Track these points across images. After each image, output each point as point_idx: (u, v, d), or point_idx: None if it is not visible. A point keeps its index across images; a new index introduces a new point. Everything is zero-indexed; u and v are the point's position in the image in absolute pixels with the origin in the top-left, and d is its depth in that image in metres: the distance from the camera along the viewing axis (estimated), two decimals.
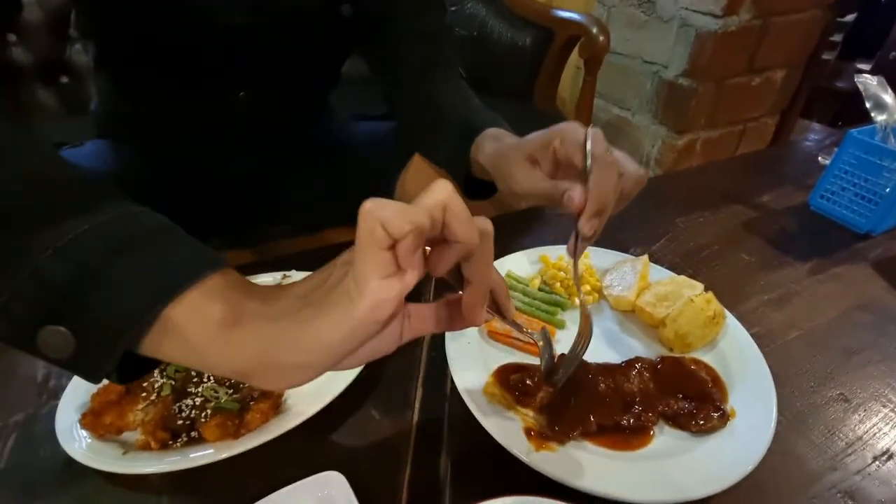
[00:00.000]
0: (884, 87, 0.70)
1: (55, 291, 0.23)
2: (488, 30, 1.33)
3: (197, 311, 0.24)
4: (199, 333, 0.24)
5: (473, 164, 0.56)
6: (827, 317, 0.53)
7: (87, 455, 0.35)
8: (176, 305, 0.24)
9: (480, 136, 0.55)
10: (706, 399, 0.39)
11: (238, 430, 0.36)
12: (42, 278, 0.23)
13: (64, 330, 0.23)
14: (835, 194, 0.70)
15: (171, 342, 0.24)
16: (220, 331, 0.24)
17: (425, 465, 0.37)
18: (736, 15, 1.14)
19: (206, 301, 0.25)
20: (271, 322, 0.25)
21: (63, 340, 0.23)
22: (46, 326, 0.23)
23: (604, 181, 0.39)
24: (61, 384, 0.42)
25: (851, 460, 0.39)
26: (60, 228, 0.24)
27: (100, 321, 0.23)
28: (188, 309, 0.24)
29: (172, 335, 0.24)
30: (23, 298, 0.23)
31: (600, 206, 0.40)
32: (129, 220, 0.26)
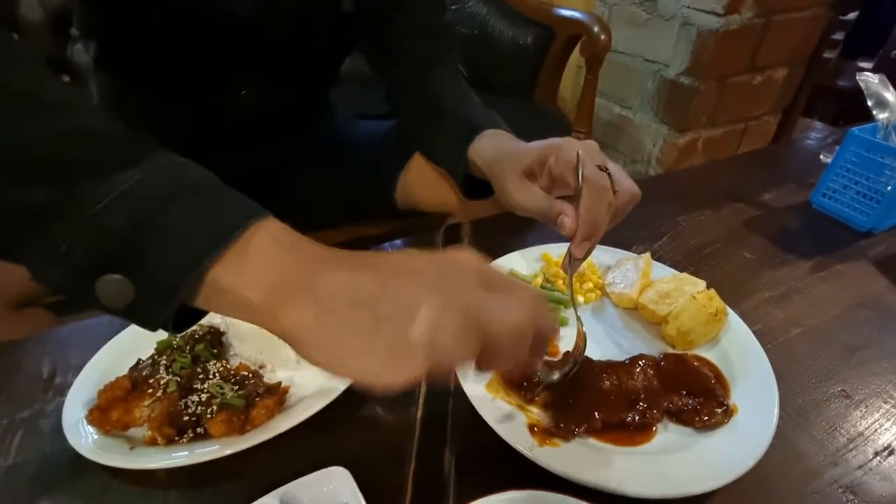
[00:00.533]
0: (885, 84, 0.70)
1: (114, 239, 0.24)
2: (489, 28, 1.33)
3: (243, 272, 0.25)
4: (245, 296, 0.24)
5: (472, 164, 0.56)
6: (829, 314, 0.53)
7: (94, 451, 0.35)
8: (223, 264, 0.24)
9: (479, 137, 0.55)
10: (709, 395, 0.39)
11: (243, 425, 0.36)
12: (101, 227, 0.23)
13: (122, 279, 0.24)
14: (836, 192, 0.70)
15: (223, 300, 0.25)
16: (262, 297, 0.24)
17: (429, 460, 0.37)
18: (738, 13, 1.14)
19: (252, 261, 0.25)
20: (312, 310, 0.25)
21: (122, 289, 0.24)
22: (105, 275, 0.24)
23: (594, 206, 0.40)
24: (67, 381, 0.43)
25: (853, 456, 0.39)
26: (114, 178, 0.24)
27: (160, 268, 0.24)
28: (234, 269, 0.25)
29: (222, 294, 0.25)
30: (82, 247, 0.23)
31: (591, 230, 0.41)
32: (178, 170, 0.26)
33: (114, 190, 0.24)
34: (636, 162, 1.47)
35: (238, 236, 0.25)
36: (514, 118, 0.63)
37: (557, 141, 0.45)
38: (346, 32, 0.66)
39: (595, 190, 0.40)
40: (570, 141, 0.44)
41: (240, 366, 0.42)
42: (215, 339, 0.44)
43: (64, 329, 0.49)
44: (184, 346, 0.42)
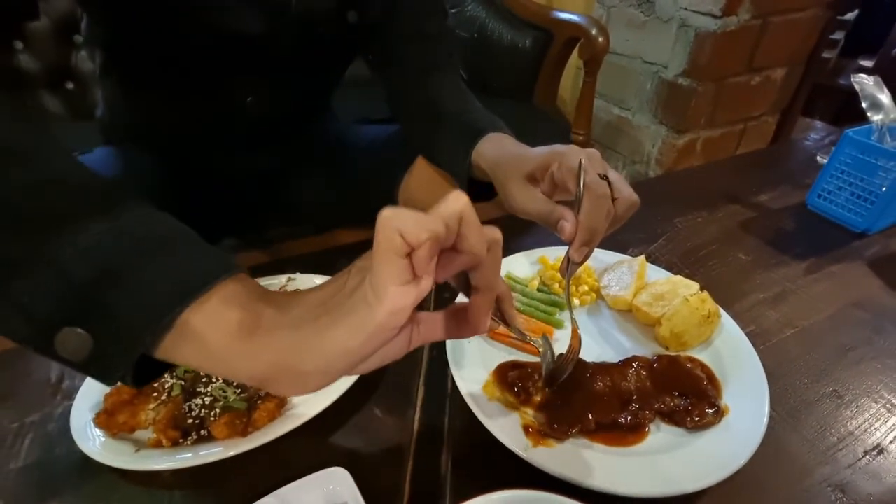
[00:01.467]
0: (880, 86, 0.71)
1: (77, 292, 0.24)
2: (489, 32, 1.34)
3: (216, 316, 0.25)
4: (218, 340, 0.25)
5: (475, 167, 0.57)
6: (822, 315, 0.54)
7: (102, 453, 0.36)
8: (195, 311, 0.24)
9: (482, 140, 0.56)
10: (701, 396, 0.40)
11: (246, 428, 0.37)
12: (64, 278, 0.23)
13: (82, 332, 0.24)
14: (832, 193, 0.70)
15: (190, 347, 0.25)
16: (238, 337, 0.25)
17: (427, 460, 0.38)
18: (735, 15, 1.14)
19: (225, 307, 0.25)
20: (289, 330, 0.25)
21: (80, 342, 0.24)
22: (65, 328, 0.23)
23: (593, 213, 0.41)
24: (74, 385, 0.44)
25: (843, 455, 0.40)
26: (82, 230, 0.24)
27: (118, 323, 0.24)
28: (207, 315, 0.25)
29: (191, 341, 0.25)
30: (45, 298, 0.23)
31: (589, 236, 0.41)
32: (148, 223, 0.27)
33: (81, 242, 0.24)
34: (635, 163, 1.47)
35: (209, 287, 0.25)
36: (513, 120, 0.64)
37: (561, 148, 0.46)
38: (349, 40, 0.67)
39: (595, 197, 0.41)
40: (573, 148, 0.45)
41: None
42: None
43: None
44: None
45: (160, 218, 0.27)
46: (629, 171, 1.51)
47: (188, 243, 0.27)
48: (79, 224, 0.25)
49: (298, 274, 0.53)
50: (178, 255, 0.26)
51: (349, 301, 0.25)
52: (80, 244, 0.24)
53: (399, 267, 0.24)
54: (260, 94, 0.63)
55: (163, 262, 0.25)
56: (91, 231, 0.24)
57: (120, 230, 0.25)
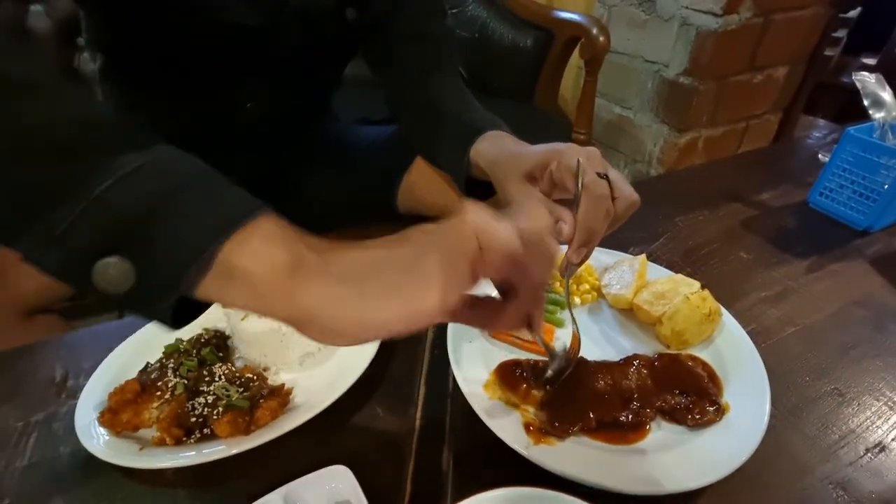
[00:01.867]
0: (882, 84, 0.71)
1: (117, 221, 0.23)
2: (489, 32, 1.34)
3: (259, 251, 0.24)
4: (262, 274, 0.24)
5: (473, 165, 0.57)
6: (824, 313, 0.54)
7: (106, 451, 0.36)
8: (238, 245, 0.24)
9: (480, 139, 0.56)
10: (702, 394, 0.40)
11: (248, 426, 0.38)
12: (104, 207, 0.23)
13: (124, 262, 0.23)
14: (833, 192, 0.70)
15: (232, 282, 0.24)
16: (282, 275, 0.24)
17: (428, 458, 0.38)
18: (736, 13, 1.14)
19: (268, 243, 0.25)
20: (334, 282, 0.25)
21: (122, 273, 0.23)
22: (105, 258, 0.23)
23: (591, 213, 0.41)
24: (79, 384, 0.44)
25: (844, 452, 0.40)
26: (120, 160, 0.24)
27: (163, 254, 0.23)
28: (250, 250, 0.24)
29: (234, 276, 0.24)
30: (82, 228, 0.23)
31: (587, 237, 0.41)
32: (182, 161, 0.26)
33: (119, 171, 0.23)
34: (637, 162, 1.47)
35: (250, 220, 0.25)
36: (514, 120, 0.65)
37: (560, 146, 0.46)
38: (348, 39, 0.67)
39: (593, 197, 0.41)
40: (573, 147, 0.45)
41: (245, 368, 0.43)
42: (221, 342, 0.45)
43: (75, 334, 0.50)
44: (190, 350, 0.43)
45: (191, 158, 0.27)
46: (631, 171, 1.51)
47: (221, 182, 0.27)
48: (117, 155, 0.24)
49: None
50: (215, 192, 0.26)
51: (405, 277, 0.25)
52: (121, 172, 0.23)
53: (466, 262, 0.24)
54: (260, 95, 0.64)
55: (202, 198, 0.25)
56: (130, 161, 0.24)
57: (158, 164, 0.25)
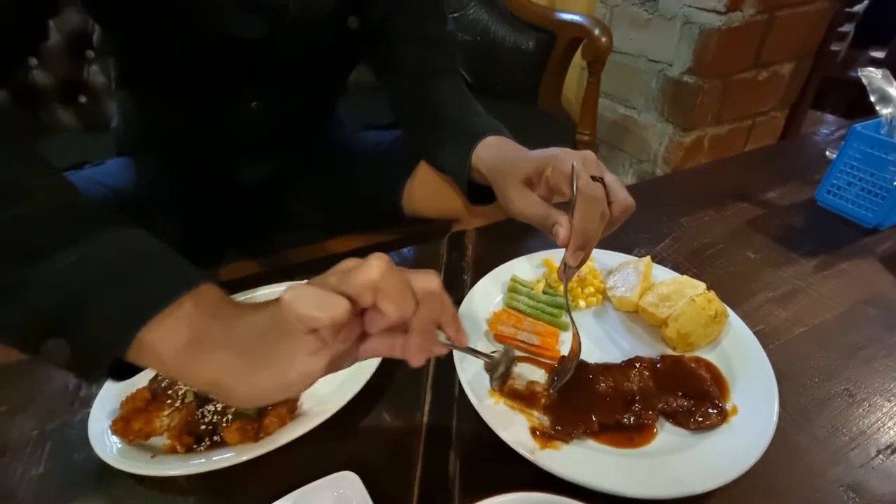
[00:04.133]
0: (889, 80, 0.70)
1: (47, 316, 0.28)
2: (491, 34, 1.34)
3: (167, 334, 0.28)
4: (167, 354, 0.28)
5: (475, 170, 0.58)
6: (833, 313, 0.53)
7: (119, 459, 0.37)
8: (150, 329, 0.28)
9: (481, 144, 0.57)
10: (704, 397, 0.39)
11: (257, 433, 0.38)
12: (35, 306, 0.28)
13: (62, 342, 0.28)
14: (841, 189, 0.70)
15: (147, 359, 0.29)
16: (183, 353, 0.28)
17: (435, 464, 0.39)
18: (740, 10, 1.14)
19: (177, 325, 0.28)
20: (227, 354, 0.28)
21: (60, 351, 0.28)
22: (48, 340, 0.28)
23: (587, 217, 0.42)
24: (91, 393, 0.45)
25: (854, 454, 0.39)
26: (52, 261, 0.28)
27: (86, 340, 0.28)
28: (158, 332, 0.28)
29: (147, 353, 0.28)
30: (23, 320, 0.28)
31: (583, 241, 0.42)
32: (114, 248, 0.30)
33: (48, 274, 0.28)
34: (642, 161, 1.46)
35: (165, 306, 0.28)
36: (518, 122, 0.65)
37: (555, 151, 0.46)
38: (351, 45, 0.68)
39: (588, 201, 0.41)
40: (568, 152, 0.45)
41: None
42: None
43: None
44: None
45: (128, 241, 0.31)
46: (636, 170, 1.50)
47: (153, 263, 0.30)
48: (51, 255, 0.29)
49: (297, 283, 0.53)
50: (137, 279, 0.29)
51: (276, 350, 0.27)
52: (48, 275, 0.28)
53: (304, 341, 0.27)
54: (265, 100, 0.65)
55: (120, 288, 0.29)
56: (59, 262, 0.28)
57: (86, 258, 0.29)
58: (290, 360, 0.27)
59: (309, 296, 0.26)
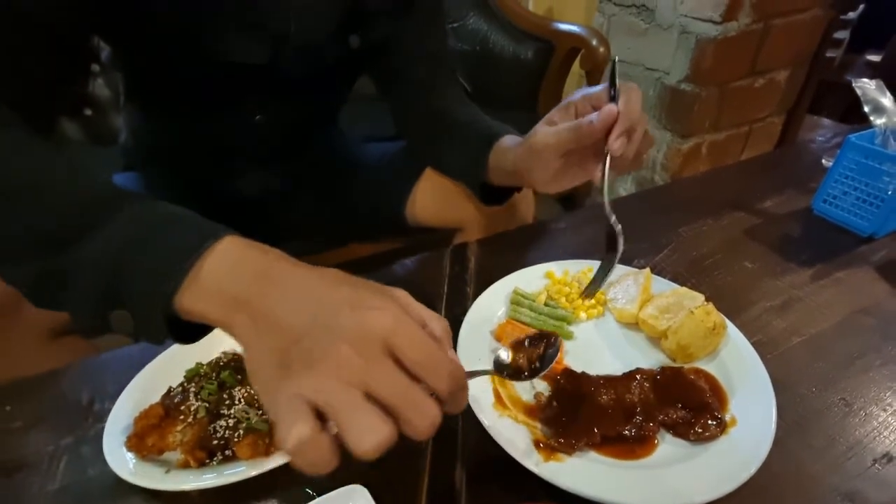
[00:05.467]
0: (882, 90, 0.71)
1: (100, 292, 0.31)
2: (490, 44, 1.36)
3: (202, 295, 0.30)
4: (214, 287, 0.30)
5: (491, 169, 0.59)
6: (829, 322, 0.54)
7: (134, 475, 0.38)
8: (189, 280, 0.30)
9: (498, 144, 0.59)
10: (704, 408, 0.40)
11: (269, 448, 0.39)
12: (85, 286, 0.32)
13: (124, 312, 0.31)
14: (837, 198, 0.71)
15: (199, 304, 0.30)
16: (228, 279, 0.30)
17: (442, 476, 0.40)
18: (735, 20, 1.15)
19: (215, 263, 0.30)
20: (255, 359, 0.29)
21: (125, 319, 0.32)
22: (114, 311, 0.32)
23: (631, 101, 0.43)
24: (104, 408, 0.46)
25: (851, 464, 0.40)
26: (92, 242, 0.32)
27: (141, 300, 0.31)
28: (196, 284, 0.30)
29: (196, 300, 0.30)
30: (87, 298, 0.32)
31: (631, 122, 0.43)
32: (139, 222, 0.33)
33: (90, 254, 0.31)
34: (641, 168, 1.48)
35: (191, 265, 0.30)
36: (518, 130, 0.66)
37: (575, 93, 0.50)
38: (352, 63, 0.70)
39: (631, 90, 0.44)
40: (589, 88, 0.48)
41: None
42: (238, 364, 0.47)
43: (99, 359, 0.52)
44: (210, 374, 0.45)
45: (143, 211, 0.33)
46: (635, 177, 1.51)
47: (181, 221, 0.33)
48: (90, 233, 0.32)
49: None
50: (171, 234, 0.32)
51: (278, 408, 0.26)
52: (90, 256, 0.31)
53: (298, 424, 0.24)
54: (269, 113, 0.66)
55: (159, 246, 0.31)
56: (97, 238, 0.32)
57: (119, 231, 0.32)
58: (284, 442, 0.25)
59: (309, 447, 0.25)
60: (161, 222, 0.33)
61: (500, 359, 0.41)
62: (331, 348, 0.25)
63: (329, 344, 0.25)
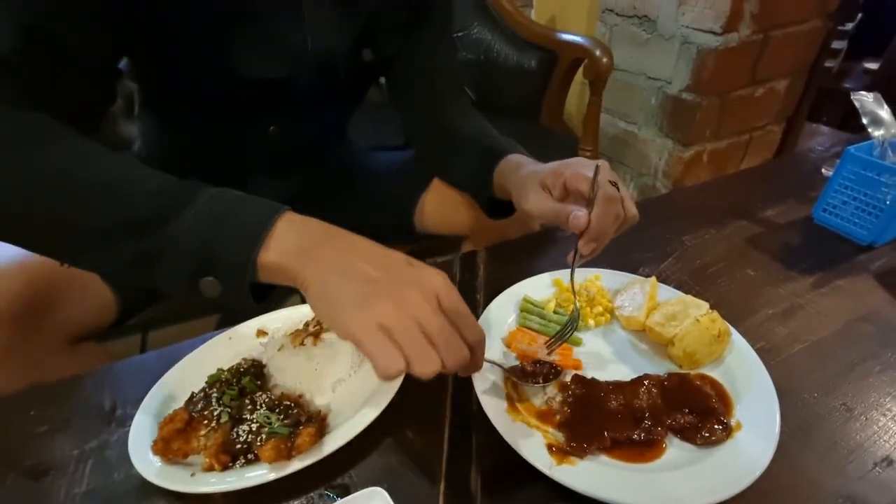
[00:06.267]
0: (880, 102, 0.73)
1: (192, 261, 0.37)
2: (495, 53, 1.38)
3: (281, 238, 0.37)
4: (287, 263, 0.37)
5: (495, 185, 0.61)
6: (830, 329, 0.56)
7: (160, 477, 0.39)
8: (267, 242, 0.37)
9: (503, 161, 0.61)
10: (710, 413, 0.42)
11: (290, 451, 0.40)
12: (183, 255, 0.37)
13: (213, 279, 0.37)
14: (837, 207, 0.72)
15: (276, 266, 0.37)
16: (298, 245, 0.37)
17: (458, 479, 0.41)
18: (736, 31, 1.17)
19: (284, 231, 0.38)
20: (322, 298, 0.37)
21: (213, 286, 0.37)
22: (200, 279, 0.37)
23: (605, 213, 0.47)
24: (126, 413, 0.47)
25: (852, 467, 0.41)
26: (181, 219, 0.37)
27: (226, 267, 0.37)
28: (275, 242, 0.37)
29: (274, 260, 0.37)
30: (178, 269, 0.37)
31: (598, 233, 0.47)
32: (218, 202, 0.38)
33: (177, 232, 0.37)
34: (643, 175, 1.50)
35: (267, 232, 0.37)
36: (521, 138, 0.68)
37: (572, 160, 0.53)
38: (364, 76, 0.72)
39: (608, 199, 0.47)
40: (584, 160, 0.52)
41: (282, 395, 0.46)
42: (258, 370, 0.48)
43: (118, 366, 0.54)
44: (231, 379, 0.46)
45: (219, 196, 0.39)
46: (637, 184, 1.53)
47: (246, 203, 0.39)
48: (175, 218, 0.37)
49: None
50: (241, 213, 0.38)
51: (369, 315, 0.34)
52: (178, 234, 0.37)
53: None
54: (282, 124, 0.68)
55: (235, 222, 0.37)
56: (182, 220, 0.37)
57: (200, 212, 0.38)
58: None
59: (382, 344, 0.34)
60: (235, 201, 0.39)
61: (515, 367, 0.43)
62: (402, 291, 0.34)
63: (400, 288, 0.35)
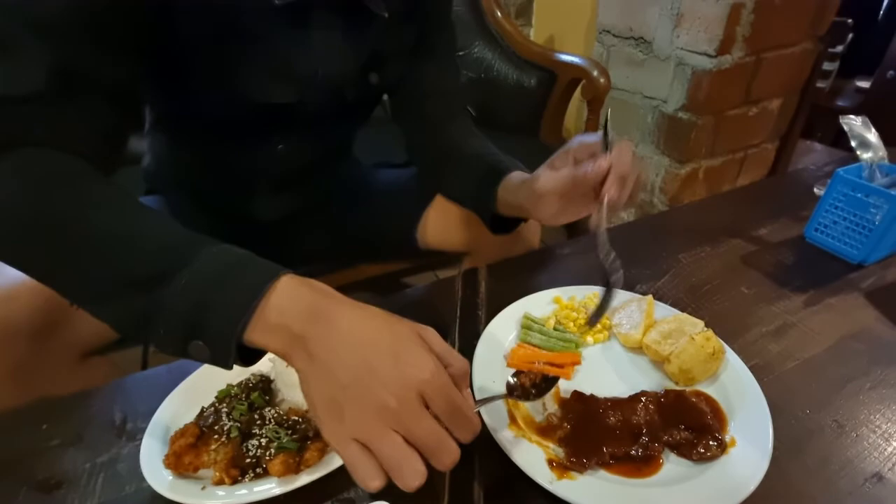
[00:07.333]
0: (867, 127, 0.76)
1: (182, 326, 0.35)
2: (495, 72, 1.42)
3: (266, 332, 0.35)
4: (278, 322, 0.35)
5: (500, 201, 0.63)
6: (822, 347, 0.57)
7: (171, 491, 0.40)
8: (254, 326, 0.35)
9: (507, 178, 0.63)
10: (705, 429, 0.43)
11: (299, 466, 0.41)
12: (170, 321, 0.35)
13: (200, 343, 0.35)
14: (828, 227, 0.74)
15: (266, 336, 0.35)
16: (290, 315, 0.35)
17: (461, 493, 0.42)
18: (729, 54, 1.21)
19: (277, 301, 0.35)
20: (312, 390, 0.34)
21: (202, 349, 0.35)
22: (190, 343, 0.35)
23: (624, 150, 0.48)
24: (137, 426, 0.48)
25: (844, 483, 0.43)
26: (174, 283, 0.35)
27: (215, 333, 0.35)
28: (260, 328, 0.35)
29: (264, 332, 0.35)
30: (170, 331, 0.35)
31: (622, 172, 0.48)
32: (215, 261, 0.37)
33: (173, 293, 0.35)
34: (640, 191, 1.52)
35: (256, 306, 0.34)
36: (520, 155, 0.70)
37: (573, 140, 0.54)
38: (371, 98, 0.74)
39: (623, 144, 0.49)
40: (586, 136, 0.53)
41: (290, 410, 0.47)
42: (266, 386, 0.50)
43: (129, 380, 0.55)
44: (240, 395, 0.48)
45: (223, 252, 0.38)
46: None
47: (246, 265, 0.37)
48: (172, 278, 0.35)
49: None
50: (240, 278, 0.36)
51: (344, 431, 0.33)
52: (173, 294, 0.35)
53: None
54: (291, 143, 0.70)
55: (230, 287, 0.35)
56: (174, 285, 0.35)
57: (197, 273, 0.36)
58: None
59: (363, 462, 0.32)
60: (231, 264, 0.37)
61: (509, 383, 0.45)
62: (377, 397, 0.31)
63: (375, 393, 0.31)
